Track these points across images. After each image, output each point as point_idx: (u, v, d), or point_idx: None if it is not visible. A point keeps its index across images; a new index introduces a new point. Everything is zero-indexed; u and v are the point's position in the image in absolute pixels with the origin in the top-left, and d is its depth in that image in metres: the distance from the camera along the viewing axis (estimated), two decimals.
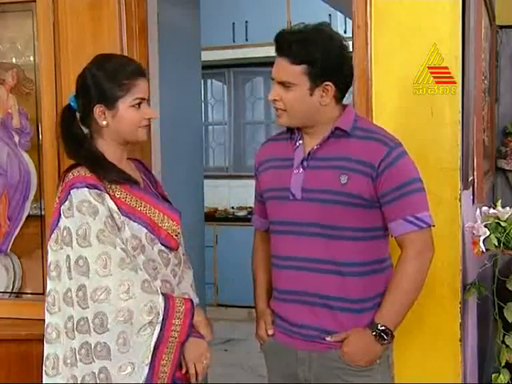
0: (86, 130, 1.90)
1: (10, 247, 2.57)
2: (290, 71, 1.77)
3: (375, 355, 1.78)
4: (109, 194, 1.79)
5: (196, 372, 1.83)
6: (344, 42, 1.83)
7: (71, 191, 1.77)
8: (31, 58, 2.52)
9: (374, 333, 1.75)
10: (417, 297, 1.80)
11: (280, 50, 1.80)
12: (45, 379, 1.84)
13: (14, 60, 2.57)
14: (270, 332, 1.92)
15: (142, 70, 1.88)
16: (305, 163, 1.83)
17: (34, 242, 2.54)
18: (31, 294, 2.58)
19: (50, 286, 1.82)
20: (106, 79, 1.82)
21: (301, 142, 1.87)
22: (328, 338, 1.80)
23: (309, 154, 1.84)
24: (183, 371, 1.83)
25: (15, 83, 2.53)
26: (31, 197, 2.53)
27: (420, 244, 1.77)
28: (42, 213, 2.49)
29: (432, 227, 1.81)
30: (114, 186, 1.82)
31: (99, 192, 1.77)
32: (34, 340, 2.35)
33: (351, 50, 2.27)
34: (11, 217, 2.55)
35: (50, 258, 1.82)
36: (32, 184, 2.53)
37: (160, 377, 1.75)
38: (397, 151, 1.77)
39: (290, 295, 1.86)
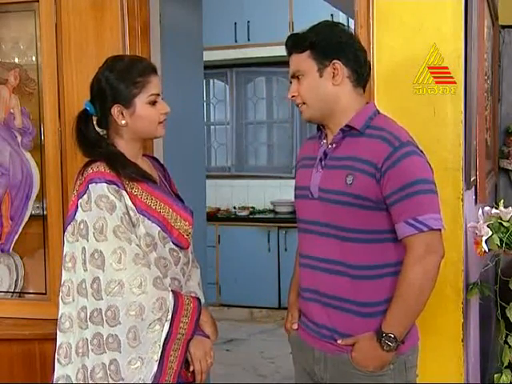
0: (102, 132, 1.93)
1: (12, 247, 2.57)
2: (298, 61, 1.82)
3: (383, 361, 1.75)
4: (126, 191, 1.82)
5: (201, 370, 1.86)
6: (351, 32, 1.87)
7: (90, 186, 1.79)
8: (33, 58, 2.52)
9: (379, 340, 1.74)
10: (424, 301, 1.74)
11: (288, 50, 1.86)
12: (57, 368, 1.86)
13: (16, 60, 2.58)
14: (294, 326, 1.95)
15: (153, 67, 1.91)
16: (323, 162, 1.84)
17: (36, 241, 2.54)
18: (34, 293, 2.59)
19: (64, 276, 1.85)
20: (119, 79, 1.85)
21: (325, 141, 1.88)
22: (339, 341, 1.80)
23: (325, 153, 1.85)
24: (191, 369, 1.84)
25: (18, 83, 2.54)
26: (33, 197, 2.54)
27: (421, 248, 1.70)
28: (45, 213, 2.49)
29: (439, 230, 1.74)
30: (131, 184, 1.84)
31: (117, 188, 1.80)
32: (37, 340, 2.36)
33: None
34: (13, 217, 2.56)
35: (66, 249, 1.85)
36: (34, 184, 2.53)
37: (168, 373, 1.77)
38: (402, 151, 1.72)
39: (308, 293, 1.87)
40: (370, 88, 2.24)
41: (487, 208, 2.33)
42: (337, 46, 1.79)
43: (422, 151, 1.80)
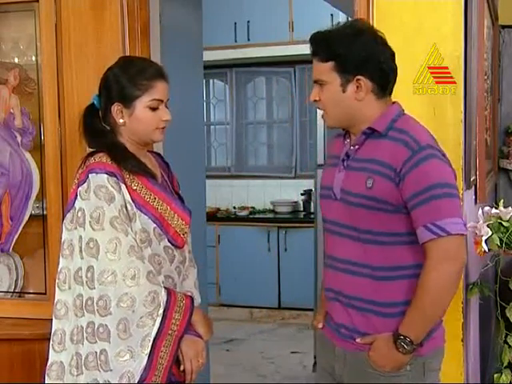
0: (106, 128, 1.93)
1: (12, 247, 2.57)
2: (321, 69, 1.79)
3: (398, 362, 1.75)
4: (126, 185, 1.83)
5: (191, 370, 1.86)
6: (376, 36, 1.79)
7: (90, 175, 1.81)
8: (33, 58, 2.52)
9: (395, 341, 1.73)
10: (442, 307, 1.74)
11: (312, 51, 1.82)
12: (51, 354, 1.87)
13: (16, 60, 2.58)
14: (320, 325, 1.96)
15: (161, 73, 1.91)
16: (345, 163, 1.83)
17: (36, 241, 2.54)
18: (34, 293, 2.59)
19: (61, 263, 1.86)
20: (126, 79, 1.86)
21: (348, 140, 1.87)
22: (358, 340, 1.80)
23: (347, 154, 1.84)
24: (182, 368, 1.85)
25: (17, 83, 2.54)
26: (33, 196, 2.54)
27: (439, 253, 1.68)
28: (44, 212, 2.49)
29: (459, 235, 1.70)
30: (131, 178, 1.85)
31: (117, 181, 1.81)
32: (37, 339, 2.35)
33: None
34: (13, 216, 2.55)
35: (64, 236, 1.86)
36: (34, 184, 2.53)
37: (157, 368, 1.77)
38: (420, 155, 1.70)
39: (330, 293, 1.88)
40: None
41: (487, 208, 2.33)
42: (362, 62, 1.75)
43: (444, 154, 1.77)
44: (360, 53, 1.75)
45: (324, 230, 1.92)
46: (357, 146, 1.82)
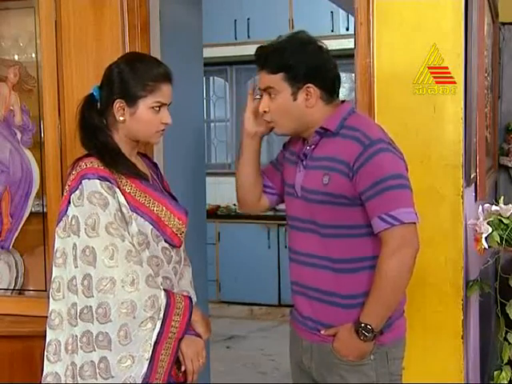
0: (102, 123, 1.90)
1: (12, 244, 2.57)
2: (270, 80, 1.85)
3: (361, 351, 1.81)
4: (119, 188, 1.81)
5: (193, 370, 1.85)
6: (321, 46, 1.87)
7: (83, 181, 1.78)
8: (33, 55, 2.52)
9: (356, 330, 1.79)
10: (400, 293, 1.80)
11: (259, 64, 1.89)
12: (46, 365, 1.85)
13: (16, 57, 2.58)
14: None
15: (168, 75, 1.88)
16: (304, 162, 1.90)
17: (36, 239, 2.55)
18: (34, 290, 2.59)
19: (55, 272, 1.84)
20: (131, 77, 1.84)
21: (305, 141, 1.93)
22: (322, 332, 1.87)
23: (304, 154, 1.90)
24: (182, 369, 1.84)
25: (17, 80, 2.54)
26: (33, 194, 2.54)
27: (395, 241, 1.75)
28: (45, 210, 2.49)
29: (412, 224, 1.76)
30: (124, 181, 1.83)
31: (110, 185, 1.79)
32: (37, 337, 2.34)
33: (354, 46, 2.29)
34: (13, 214, 2.56)
35: (57, 244, 1.84)
36: (34, 181, 2.53)
37: (158, 371, 1.77)
38: (372, 149, 1.76)
39: (295, 287, 1.95)
40: (369, 88, 2.25)
41: (487, 205, 2.33)
42: (311, 70, 1.82)
43: (395, 147, 1.83)
44: (309, 62, 1.83)
45: (287, 226, 1.99)
46: (312, 146, 1.89)
